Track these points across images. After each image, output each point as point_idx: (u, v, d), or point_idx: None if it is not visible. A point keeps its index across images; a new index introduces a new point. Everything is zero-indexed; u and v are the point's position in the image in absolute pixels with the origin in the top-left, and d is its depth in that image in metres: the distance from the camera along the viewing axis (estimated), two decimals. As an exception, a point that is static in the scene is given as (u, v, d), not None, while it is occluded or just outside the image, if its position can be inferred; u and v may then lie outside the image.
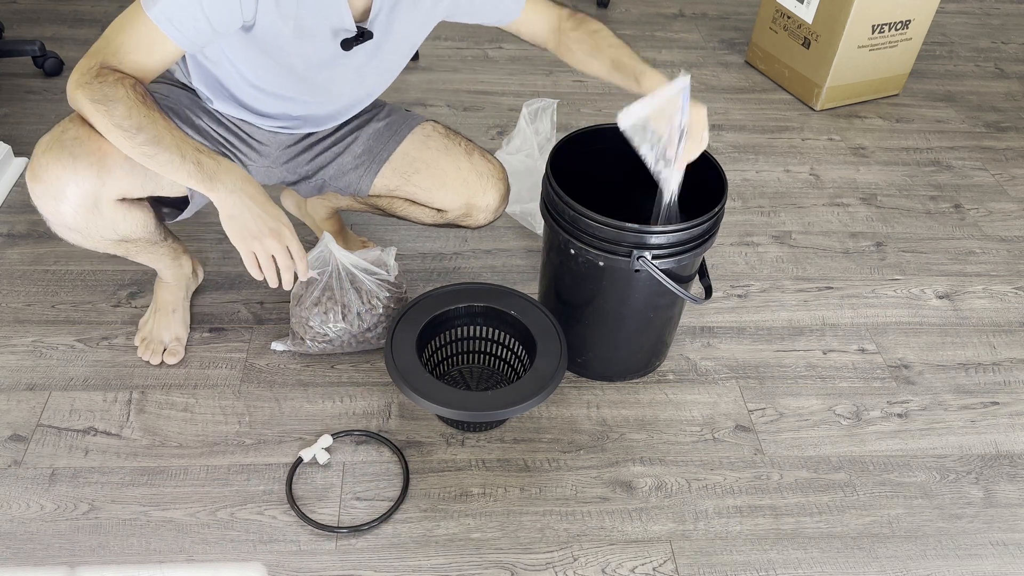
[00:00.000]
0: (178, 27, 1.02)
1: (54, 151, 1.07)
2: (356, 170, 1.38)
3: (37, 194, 1.11)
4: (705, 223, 1.21)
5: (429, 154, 1.37)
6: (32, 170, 1.09)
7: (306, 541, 1.17)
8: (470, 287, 1.37)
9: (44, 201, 1.11)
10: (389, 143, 1.37)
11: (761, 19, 2.31)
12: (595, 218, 1.19)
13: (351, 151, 1.37)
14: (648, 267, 1.20)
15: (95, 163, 1.08)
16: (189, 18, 1.02)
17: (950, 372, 1.50)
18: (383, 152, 1.37)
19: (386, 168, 1.37)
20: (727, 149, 2.05)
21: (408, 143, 1.38)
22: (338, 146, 1.38)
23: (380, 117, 1.40)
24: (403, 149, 1.37)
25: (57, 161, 1.07)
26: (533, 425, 1.35)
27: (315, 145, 1.38)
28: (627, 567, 1.17)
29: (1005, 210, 1.92)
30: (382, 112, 1.41)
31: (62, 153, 1.07)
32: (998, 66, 2.51)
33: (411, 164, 1.37)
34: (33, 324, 1.45)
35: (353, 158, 1.37)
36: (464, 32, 2.46)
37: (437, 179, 1.36)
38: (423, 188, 1.37)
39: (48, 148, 1.08)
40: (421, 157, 1.37)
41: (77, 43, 2.25)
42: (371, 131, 1.38)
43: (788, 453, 1.34)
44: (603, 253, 1.21)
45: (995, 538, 1.24)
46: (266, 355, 1.43)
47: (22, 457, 1.25)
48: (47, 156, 1.08)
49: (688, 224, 1.19)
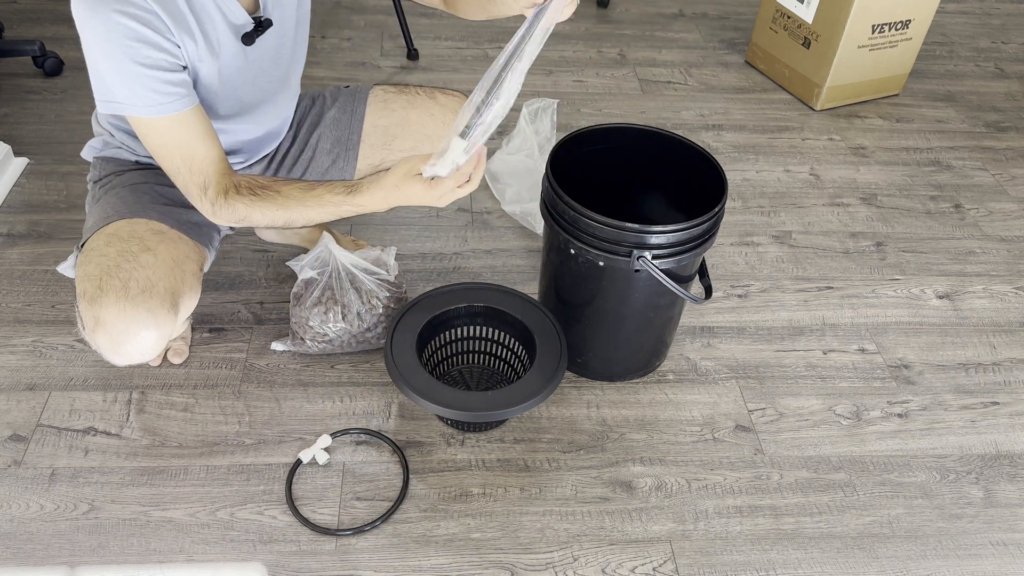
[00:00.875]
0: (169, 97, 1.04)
1: (129, 312, 1.07)
2: (335, 165, 1.37)
3: (106, 347, 1.11)
4: (705, 223, 1.21)
5: (397, 116, 1.35)
6: (104, 328, 1.08)
7: (306, 541, 1.17)
8: (470, 287, 1.37)
9: (114, 350, 1.11)
10: (352, 124, 1.36)
11: (761, 19, 2.31)
12: (595, 218, 1.19)
13: (321, 150, 1.36)
14: (648, 267, 1.20)
15: (171, 307, 1.11)
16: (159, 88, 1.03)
17: (950, 372, 1.50)
18: (352, 136, 1.35)
19: (363, 149, 1.36)
20: (727, 149, 2.05)
21: (371, 116, 1.36)
22: (305, 153, 1.37)
23: (328, 105, 1.38)
24: (369, 123, 1.36)
25: (135, 321, 1.08)
26: (533, 425, 1.35)
27: (283, 163, 1.37)
28: (627, 567, 1.17)
29: (1005, 210, 1.92)
30: (328, 100, 1.39)
31: (139, 312, 1.07)
32: (998, 66, 2.51)
33: (385, 132, 1.36)
34: (33, 324, 1.45)
35: (326, 155, 1.36)
36: (464, 32, 2.46)
37: (417, 134, 1.35)
38: (408, 149, 1.35)
39: (118, 307, 1.07)
40: (391, 122, 1.35)
41: (77, 43, 2.23)
42: (328, 122, 1.37)
43: (788, 453, 1.34)
44: (603, 253, 1.21)
45: (995, 538, 1.24)
46: (266, 355, 1.43)
47: (22, 457, 1.25)
48: (121, 317, 1.07)
49: (688, 224, 1.19)
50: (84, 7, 0.99)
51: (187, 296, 1.16)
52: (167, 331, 1.13)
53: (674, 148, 1.37)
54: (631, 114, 2.16)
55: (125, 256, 1.11)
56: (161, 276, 1.11)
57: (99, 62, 1.03)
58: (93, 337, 1.11)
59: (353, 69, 2.16)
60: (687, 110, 2.19)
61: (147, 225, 1.16)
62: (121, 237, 1.14)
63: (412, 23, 2.38)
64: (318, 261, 1.36)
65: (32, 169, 1.80)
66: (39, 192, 1.74)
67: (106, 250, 1.12)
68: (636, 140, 1.39)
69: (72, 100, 2.02)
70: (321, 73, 2.18)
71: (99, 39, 1.00)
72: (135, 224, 1.15)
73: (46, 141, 1.88)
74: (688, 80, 2.32)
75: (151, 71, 1.02)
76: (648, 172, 1.42)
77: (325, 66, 2.23)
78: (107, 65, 1.02)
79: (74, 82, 2.09)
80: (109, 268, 1.10)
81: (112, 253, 1.11)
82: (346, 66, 2.19)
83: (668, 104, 2.21)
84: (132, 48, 1.00)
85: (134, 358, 1.13)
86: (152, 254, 1.13)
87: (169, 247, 1.15)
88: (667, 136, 1.37)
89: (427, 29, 2.45)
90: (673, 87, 2.29)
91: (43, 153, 1.84)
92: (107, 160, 1.27)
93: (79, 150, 1.87)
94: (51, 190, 1.75)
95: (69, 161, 1.82)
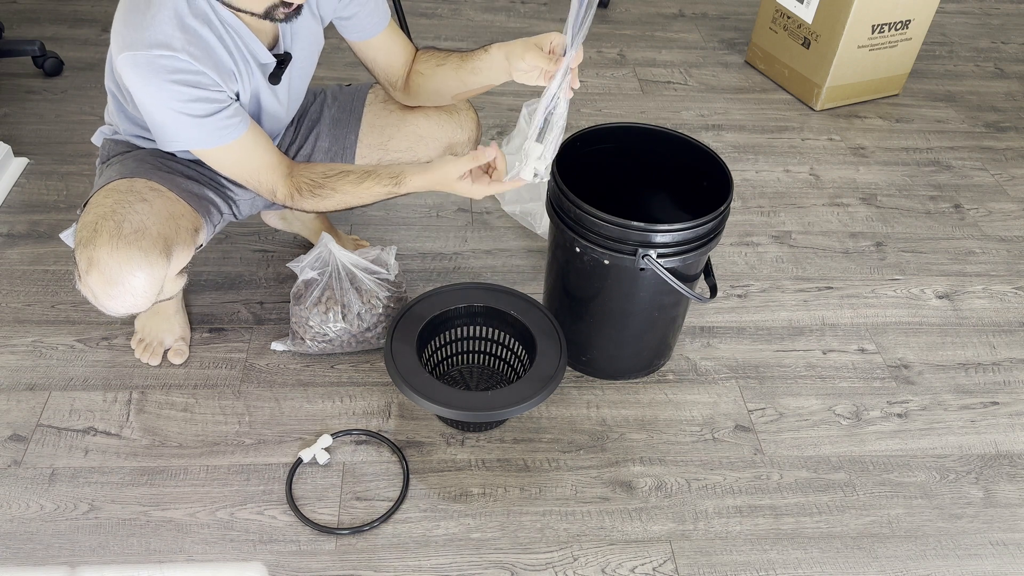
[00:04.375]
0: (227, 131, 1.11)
1: (121, 249, 1.08)
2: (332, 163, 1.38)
3: (99, 288, 1.11)
4: (710, 222, 1.21)
5: (394, 116, 1.38)
6: (96, 268, 1.09)
7: (306, 541, 1.17)
8: (470, 287, 1.37)
9: (106, 291, 1.11)
10: (351, 123, 1.38)
11: (761, 19, 2.31)
12: (600, 216, 1.19)
13: (319, 148, 1.38)
14: (653, 265, 1.20)
15: (163, 251, 1.12)
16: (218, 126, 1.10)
17: (950, 372, 1.50)
18: (350, 134, 1.38)
19: (360, 148, 1.38)
20: (727, 149, 2.05)
21: (369, 115, 1.39)
22: (305, 148, 1.38)
23: (329, 103, 1.41)
24: (367, 123, 1.38)
25: (128, 260, 1.08)
26: (533, 425, 1.35)
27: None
28: (627, 567, 1.17)
29: (1005, 210, 1.92)
30: (328, 98, 1.41)
31: (131, 250, 1.09)
32: (998, 66, 2.51)
33: (382, 132, 1.37)
34: (33, 324, 1.45)
35: (323, 154, 1.38)
36: (464, 32, 2.46)
37: (413, 135, 1.37)
38: (403, 150, 1.38)
39: (111, 245, 1.08)
40: (388, 122, 1.38)
41: (77, 43, 2.25)
42: (328, 121, 1.39)
43: (788, 453, 1.34)
44: (608, 252, 1.22)
45: (995, 538, 1.24)
46: (266, 355, 1.43)
47: (22, 457, 1.25)
48: (113, 255, 1.08)
49: (693, 223, 1.20)
50: (136, 77, 1.04)
51: (180, 248, 1.16)
52: (159, 275, 1.13)
53: (679, 147, 1.37)
54: (631, 114, 2.16)
55: (121, 203, 1.13)
56: (155, 222, 1.13)
57: (156, 116, 1.10)
58: (86, 280, 1.11)
59: (353, 69, 2.16)
60: (687, 110, 2.19)
61: (146, 183, 1.18)
62: (119, 190, 1.16)
63: (412, 23, 2.38)
64: (318, 261, 1.36)
65: (32, 169, 1.80)
66: (39, 192, 1.74)
67: (103, 200, 1.14)
68: (642, 140, 1.39)
69: (72, 100, 2.03)
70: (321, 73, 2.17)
71: (156, 102, 1.07)
72: (134, 182, 1.18)
73: (46, 141, 1.88)
74: (688, 80, 2.32)
75: (209, 118, 1.09)
76: (654, 172, 1.42)
77: (325, 66, 2.22)
78: (167, 119, 1.09)
79: (74, 82, 2.09)
80: (104, 214, 1.12)
81: (109, 202, 1.13)
82: (346, 66, 2.19)
83: (668, 104, 2.21)
84: (188, 106, 1.07)
85: (126, 302, 1.13)
86: (148, 204, 1.14)
87: (165, 202, 1.17)
88: (673, 136, 1.37)
89: (427, 29, 2.45)
90: (673, 87, 2.29)
91: (43, 153, 1.84)
92: (117, 142, 1.30)
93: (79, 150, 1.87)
94: (51, 190, 1.75)
95: (69, 161, 1.82)
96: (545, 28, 2.52)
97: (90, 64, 2.17)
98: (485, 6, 2.63)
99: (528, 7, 2.64)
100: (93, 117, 1.96)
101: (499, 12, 2.59)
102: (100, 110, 1.99)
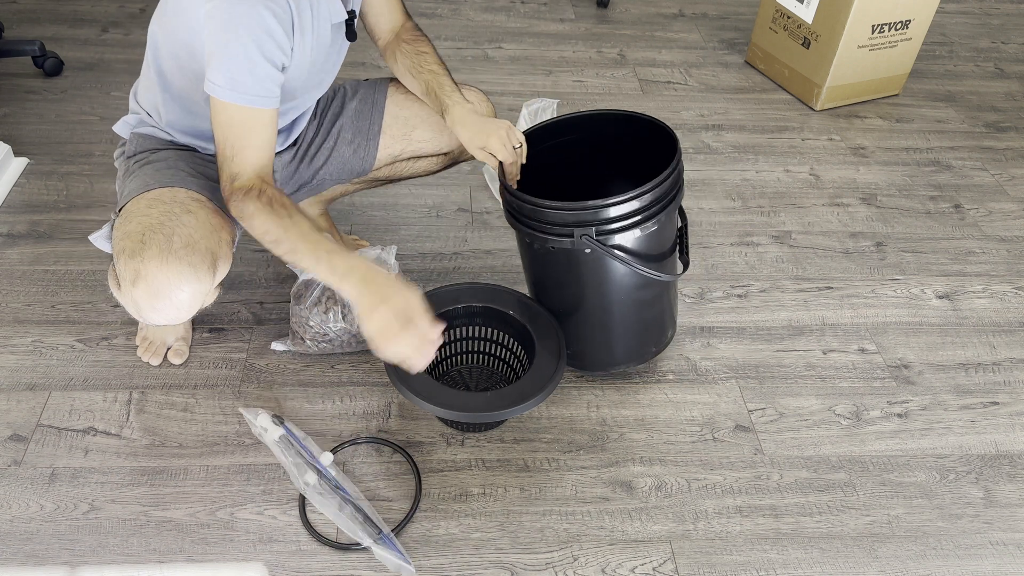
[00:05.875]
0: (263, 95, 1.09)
1: (172, 264, 1.08)
2: (356, 154, 1.40)
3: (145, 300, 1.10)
4: (643, 194, 1.18)
5: (416, 107, 1.40)
6: (145, 281, 1.08)
7: (306, 541, 1.17)
8: (469, 287, 1.37)
9: (151, 304, 1.11)
10: (373, 115, 1.40)
11: (761, 19, 2.31)
12: (532, 201, 1.20)
13: (343, 139, 1.39)
14: (593, 244, 1.19)
15: (211, 266, 1.13)
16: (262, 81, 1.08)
17: (950, 372, 1.50)
18: (373, 126, 1.40)
19: (383, 139, 1.40)
20: (727, 149, 2.05)
21: (391, 106, 1.41)
22: (328, 142, 1.39)
23: (350, 96, 1.42)
24: (390, 114, 1.40)
25: (178, 274, 1.09)
26: (533, 425, 1.35)
27: (307, 151, 1.39)
28: (627, 567, 1.17)
29: (1005, 210, 1.92)
30: (349, 91, 1.43)
31: (181, 264, 1.09)
32: (998, 66, 2.51)
33: (405, 123, 1.40)
34: (33, 324, 1.45)
35: (347, 145, 1.40)
36: (464, 32, 2.46)
37: (435, 125, 1.40)
38: (426, 140, 1.41)
39: (161, 259, 1.08)
40: (412, 113, 1.40)
41: (77, 43, 2.25)
42: (350, 113, 1.40)
43: (788, 453, 1.34)
44: (551, 236, 1.21)
45: (995, 538, 1.24)
46: (266, 355, 1.43)
47: (22, 457, 1.25)
48: (163, 269, 1.08)
49: (622, 196, 1.16)
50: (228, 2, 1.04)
51: (222, 260, 1.17)
52: (205, 289, 1.14)
53: (635, 127, 1.34)
54: (631, 114, 2.16)
55: (168, 215, 1.13)
56: (202, 236, 1.13)
57: (220, 36, 1.06)
58: (131, 292, 1.11)
59: (353, 69, 2.16)
60: (687, 110, 2.19)
61: (187, 194, 1.18)
62: (163, 200, 1.16)
63: (412, 23, 2.38)
64: (318, 261, 1.36)
65: (32, 169, 1.80)
66: (39, 192, 1.74)
67: (148, 211, 1.14)
68: (602, 125, 1.37)
69: (72, 100, 2.03)
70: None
71: (237, 24, 1.05)
72: (176, 192, 1.18)
73: (46, 141, 1.88)
74: (688, 80, 2.32)
75: (266, 65, 1.07)
76: (618, 157, 1.39)
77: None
78: (230, 41, 1.06)
79: (74, 82, 2.09)
80: (152, 225, 1.11)
81: (155, 213, 1.13)
82: (346, 66, 2.17)
83: (668, 104, 2.21)
84: (262, 40, 1.06)
85: (169, 315, 1.13)
86: (194, 216, 1.15)
87: (208, 214, 1.17)
88: (628, 116, 1.34)
89: (427, 29, 2.44)
90: (673, 87, 2.29)
91: (43, 153, 1.84)
92: (144, 137, 1.29)
93: (79, 150, 1.87)
94: (51, 190, 1.75)
95: (69, 161, 1.82)
96: (545, 28, 2.52)
97: (90, 64, 2.17)
98: (485, 6, 2.63)
99: (528, 7, 2.64)
100: (93, 117, 1.97)
101: (499, 12, 2.60)
102: (100, 110, 1.99)
